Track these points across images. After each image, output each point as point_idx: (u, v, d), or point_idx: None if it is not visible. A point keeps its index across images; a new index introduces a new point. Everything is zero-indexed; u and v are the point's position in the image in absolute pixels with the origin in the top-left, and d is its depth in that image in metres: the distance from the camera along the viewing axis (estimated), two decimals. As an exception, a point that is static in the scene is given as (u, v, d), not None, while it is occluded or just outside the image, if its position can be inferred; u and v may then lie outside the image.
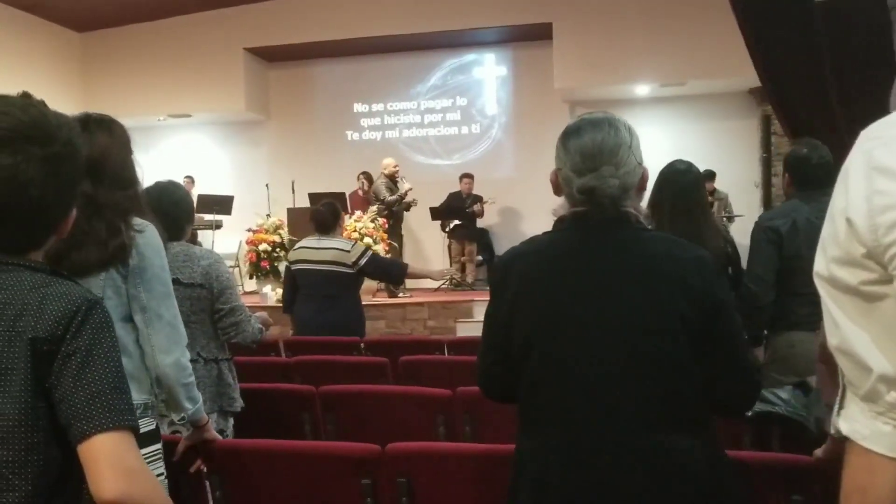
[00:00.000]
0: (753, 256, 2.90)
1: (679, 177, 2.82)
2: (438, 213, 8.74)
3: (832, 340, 1.07)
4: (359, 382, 2.91)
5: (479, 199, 8.86)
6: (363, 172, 8.75)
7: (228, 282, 2.57)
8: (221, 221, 8.93)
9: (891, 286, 0.98)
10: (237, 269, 8.58)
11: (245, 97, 10.09)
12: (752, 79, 6.03)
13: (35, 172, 1.02)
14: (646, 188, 1.53)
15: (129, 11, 9.77)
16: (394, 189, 8.22)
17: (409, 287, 7.73)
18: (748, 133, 9.26)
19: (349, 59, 10.29)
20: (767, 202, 8.74)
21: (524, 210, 9.68)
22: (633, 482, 1.34)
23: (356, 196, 8.62)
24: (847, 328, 1.03)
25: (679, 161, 2.90)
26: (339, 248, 4.02)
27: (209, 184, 9.67)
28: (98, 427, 0.98)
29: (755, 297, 2.85)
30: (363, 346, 3.86)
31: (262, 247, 7.73)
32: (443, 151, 10.33)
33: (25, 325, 1.00)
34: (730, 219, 8.07)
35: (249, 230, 8.09)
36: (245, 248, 8.23)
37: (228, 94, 10.05)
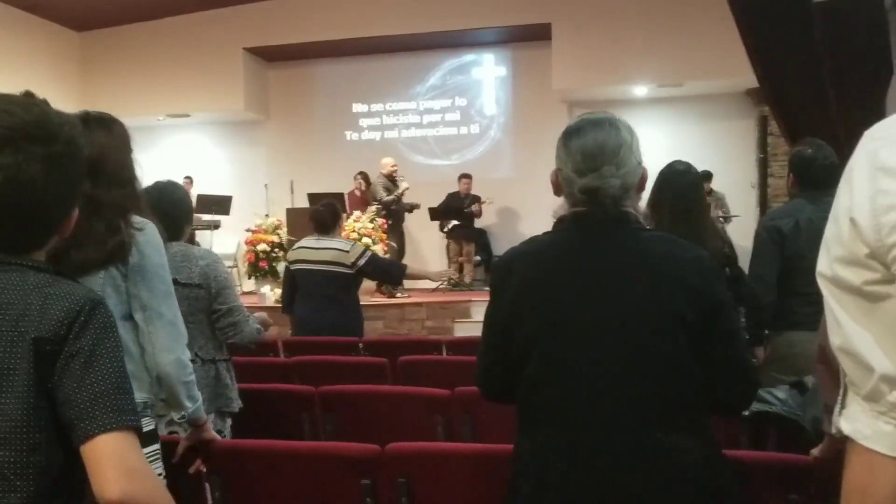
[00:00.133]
0: (756, 256, 2.90)
1: (678, 177, 2.83)
2: (437, 214, 8.74)
3: (835, 340, 1.08)
4: (358, 383, 2.91)
5: (478, 200, 8.86)
6: (360, 172, 8.75)
7: (227, 282, 2.57)
8: (220, 222, 8.92)
9: (893, 286, 0.98)
10: (235, 270, 8.57)
11: (244, 97, 10.09)
12: (750, 80, 6.04)
13: (37, 172, 1.02)
14: (645, 188, 1.53)
15: (129, 11, 9.77)
16: (392, 189, 8.22)
17: (408, 287, 7.72)
18: (745, 134, 9.26)
19: (349, 59, 10.28)
20: (764, 203, 8.75)
21: (522, 210, 9.68)
22: (633, 482, 1.34)
23: (353, 196, 8.62)
24: (850, 328, 1.03)
25: (678, 162, 2.91)
26: (339, 249, 4.01)
27: (208, 184, 9.67)
28: (101, 427, 0.97)
29: (756, 297, 2.86)
30: (362, 347, 3.86)
31: (261, 247, 7.73)
32: (441, 152, 10.33)
33: (28, 326, 1.00)
34: (726, 219, 8.07)
35: (248, 230, 8.08)
36: (243, 249, 8.23)
37: (227, 94, 10.04)
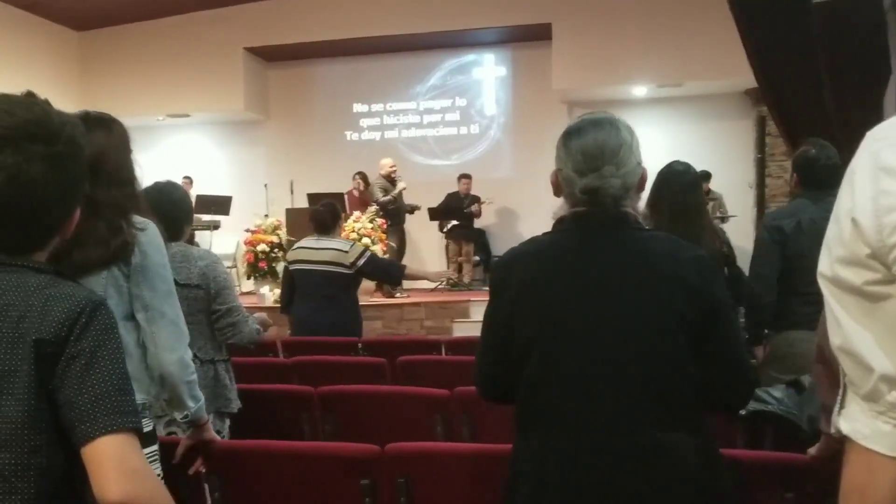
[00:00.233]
0: (757, 255, 2.91)
1: (678, 178, 2.84)
2: (436, 214, 8.74)
3: (835, 340, 1.08)
4: (357, 383, 2.91)
5: (477, 200, 8.86)
6: (358, 172, 8.73)
7: (226, 282, 2.57)
8: (219, 222, 8.92)
9: (894, 286, 0.98)
10: (234, 270, 8.57)
11: (244, 97, 10.08)
12: (748, 80, 6.05)
13: (38, 172, 1.01)
14: (644, 188, 1.53)
15: (128, 10, 9.76)
16: (389, 190, 8.22)
17: (407, 288, 7.73)
18: (743, 134, 9.26)
19: (349, 59, 10.27)
20: (761, 203, 8.76)
21: (521, 210, 9.68)
22: (633, 482, 1.34)
23: (351, 196, 8.61)
24: (850, 328, 1.04)
25: (677, 162, 2.91)
26: (338, 249, 4.01)
27: (207, 184, 9.65)
28: (102, 429, 0.97)
29: (757, 296, 2.86)
30: (361, 347, 3.86)
31: (260, 247, 7.72)
32: (441, 152, 10.33)
33: (29, 327, 0.99)
34: (724, 219, 8.08)
35: (248, 230, 8.08)
36: (243, 249, 8.22)
37: (227, 94, 10.03)
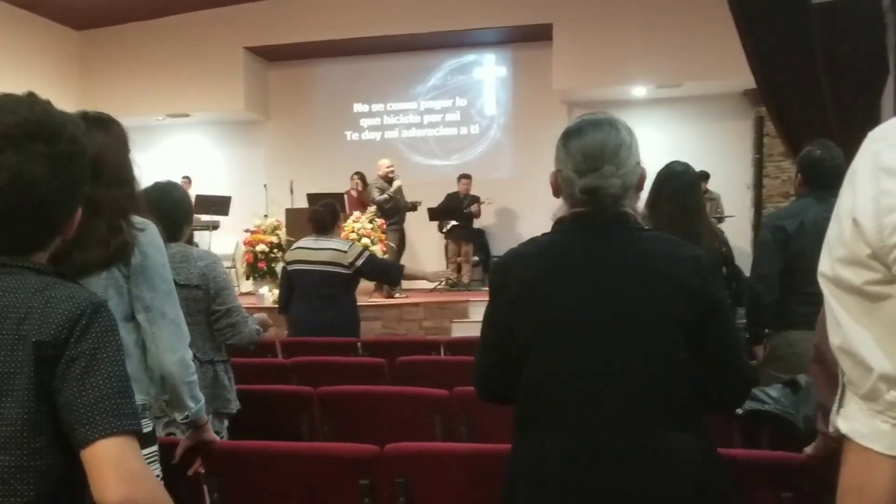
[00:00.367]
0: (759, 255, 2.92)
1: (677, 178, 2.84)
2: (436, 214, 8.74)
3: (834, 340, 1.08)
4: (356, 383, 2.91)
5: (477, 200, 8.87)
6: (356, 173, 8.72)
7: (225, 283, 2.57)
8: (218, 222, 8.91)
9: (894, 286, 0.99)
10: (233, 270, 8.57)
11: (244, 97, 10.07)
12: (747, 80, 6.05)
13: (40, 170, 1.01)
14: (643, 188, 1.53)
15: (129, 10, 9.76)
16: (386, 189, 8.21)
17: (406, 288, 7.72)
18: (742, 134, 9.26)
19: (349, 59, 10.27)
20: (759, 203, 8.77)
21: (521, 211, 9.67)
22: (632, 482, 1.34)
23: (350, 197, 8.60)
24: (850, 328, 1.04)
25: (677, 162, 2.92)
26: (337, 249, 4.00)
27: (207, 184, 9.64)
28: (102, 432, 0.97)
29: (758, 295, 2.87)
30: (360, 347, 3.86)
31: (260, 248, 7.72)
32: (441, 152, 10.32)
33: (29, 329, 0.99)
34: (720, 219, 8.09)
35: (247, 231, 8.07)
36: (242, 249, 8.22)
37: (228, 94, 10.02)
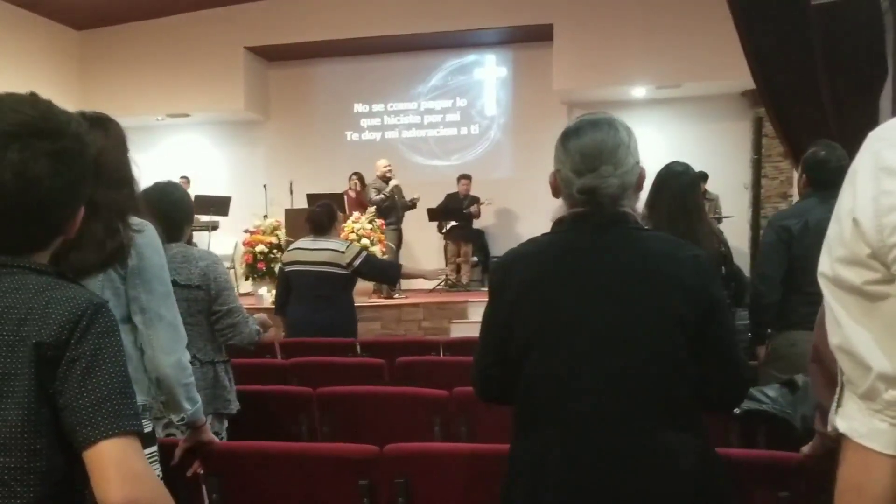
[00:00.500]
0: (763, 255, 2.93)
1: (676, 178, 2.84)
2: (436, 214, 8.74)
3: (833, 339, 1.08)
4: (355, 384, 2.90)
5: (477, 200, 8.86)
6: (355, 173, 8.71)
7: (226, 283, 2.57)
8: (218, 223, 8.91)
9: (893, 286, 0.99)
10: (232, 271, 8.56)
11: (244, 97, 10.06)
12: (746, 81, 6.05)
13: (44, 168, 1.01)
14: (643, 188, 1.53)
15: (129, 9, 9.75)
16: (383, 189, 8.20)
17: (405, 288, 7.72)
18: (740, 135, 9.26)
19: (350, 59, 10.26)
20: (757, 204, 8.77)
21: (520, 211, 9.67)
22: (632, 482, 1.34)
23: (349, 197, 8.60)
24: (849, 327, 1.04)
25: (676, 163, 2.92)
26: (334, 249, 4.00)
27: (206, 184, 9.63)
28: (103, 433, 0.96)
29: (760, 295, 2.87)
30: (359, 348, 3.86)
31: (259, 248, 7.71)
32: (441, 152, 10.32)
33: (30, 330, 0.98)
34: (719, 220, 8.10)
35: (246, 231, 8.07)
36: (241, 250, 8.22)
37: (228, 94, 10.01)
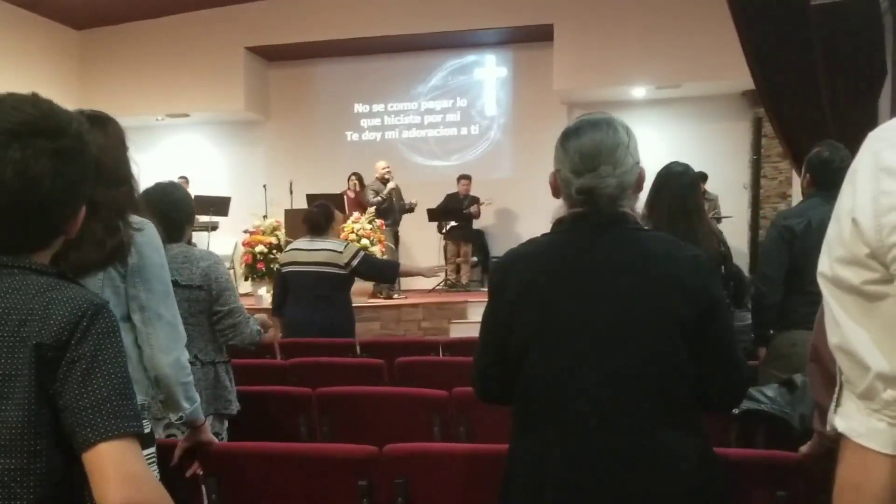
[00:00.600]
0: (765, 255, 2.92)
1: (676, 178, 2.84)
2: (435, 214, 8.73)
3: (832, 339, 1.08)
4: (354, 384, 2.90)
5: (477, 201, 8.86)
6: (354, 173, 8.71)
7: (228, 283, 2.56)
8: (217, 223, 8.90)
9: (892, 286, 0.99)
10: (232, 271, 8.56)
11: (244, 97, 10.05)
12: (746, 81, 6.05)
13: (45, 166, 1.01)
14: (643, 188, 1.53)
15: (129, 9, 9.74)
16: (381, 191, 8.20)
17: (404, 289, 7.72)
18: (740, 135, 9.27)
19: (350, 59, 10.26)
20: (756, 204, 8.78)
21: (520, 211, 9.66)
22: (631, 482, 1.34)
23: (347, 198, 8.60)
24: (848, 327, 1.04)
25: (676, 163, 2.92)
26: (332, 250, 4.01)
27: (206, 184, 9.62)
28: (103, 435, 0.96)
29: (762, 296, 2.87)
30: (359, 348, 3.86)
31: (259, 248, 7.71)
32: (441, 152, 10.31)
33: (30, 331, 0.98)
34: (718, 220, 8.11)
35: (246, 231, 8.07)
36: (241, 250, 8.21)
37: (228, 94, 10.00)
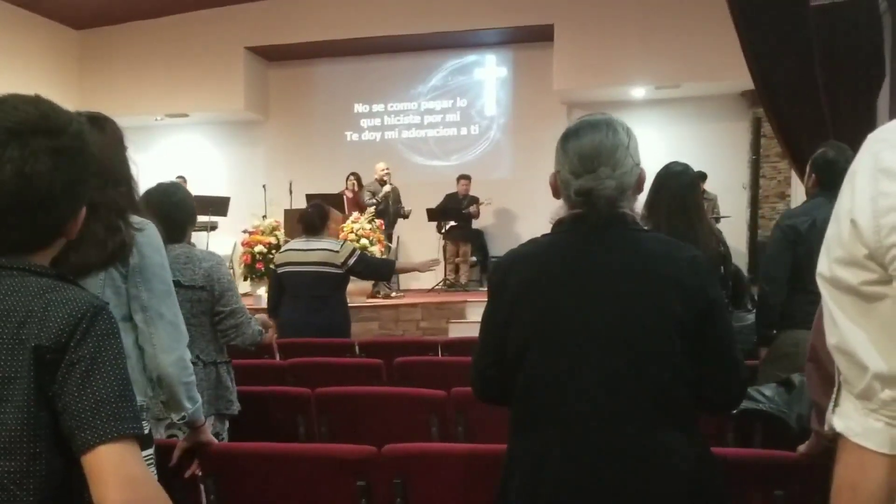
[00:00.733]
0: (770, 255, 2.93)
1: (676, 178, 2.85)
2: (435, 214, 8.74)
3: (831, 339, 1.08)
4: (353, 384, 2.91)
5: (476, 201, 8.86)
6: (352, 173, 8.71)
7: (230, 284, 2.57)
8: (216, 223, 8.90)
9: (890, 287, 0.99)
10: (231, 271, 8.53)
11: (244, 97, 10.05)
12: (745, 82, 6.06)
13: (44, 165, 1.01)
14: (643, 189, 1.53)
15: (129, 9, 9.75)
16: (378, 192, 8.20)
17: (404, 289, 7.71)
18: (739, 135, 9.27)
19: (350, 59, 10.26)
20: (755, 204, 8.79)
21: (519, 211, 9.67)
22: (628, 483, 1.34)
23: (346, 198, 8.59)
24: (846, 328, 1.04)
25: (675, 163, 2.93)
26: (329, 249, 4.02)
27: (206, 184, 9.61)
28: (102, 437, 0.96)
29: (766, 295, 2.87)
30: (357, 348, 3.86)
31: (258, 248, 7.71)
32: (441, 152, 10.32)
33: (29, 333, 0.98)
34: (717, 220, 8.12)
35: (245, 231, 8.07)
36: (240, 250, 8.21)
37: (228, 94, 10.00)
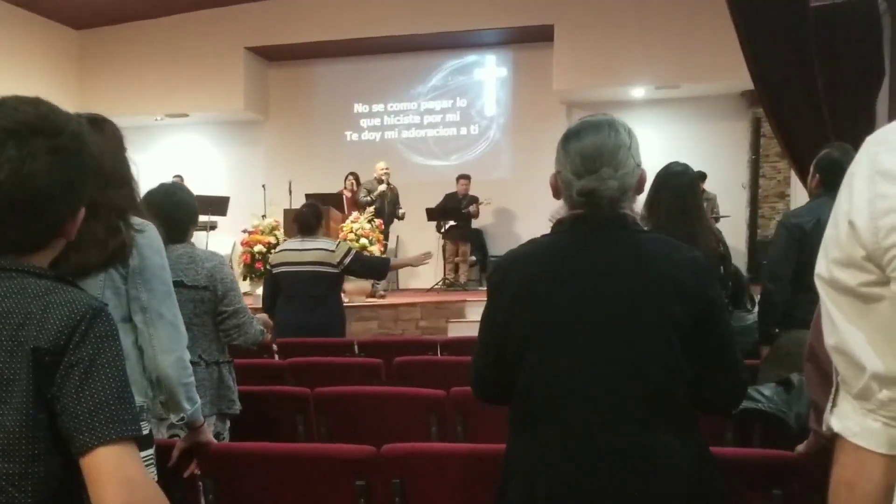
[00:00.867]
0: (774, 254, 2.93)
1: (676, 179, 2.85)
2: (434, 214, 8.74)
3: (829, 340, 1.09)
4: (352, 384, 2.90)
5: (475, 200, 8.87)
6: (351, 173, 8.71)
7: (232, 284, 2.57)
8: (216, 223, 8.89)
9: (887, 288, 0.99)
10: (232, 271, 8.53)
11: (244, 97, 10.06)
12: (745, 82, 6.07)
13: (41, 164, 1.01)
14: (643, 190, 1.53)
15: (128, 9, 9.75)
16: (375, 191, 8.20)
17: (403, 288, 7.71)
18: (738, 135, 9.29)
19: (350, 60, 10.26)
20: (754, 203, 8.81)
21: (519, 211, 9.68)
22: (626, 483, 1.34)
23: (345, 197, 8.59)
24: (844, 328, 1.04)
25: (675, 163, 2.93)
26: (324, 249, 4.03)
27: (205, 184, 9.59)
28: (101, 440, 0.96)
29: (770, 294, 2.87)
30: (356, 348, 3.86)
31: (257, 248, 7.71)
32: (441, 152, 10.32)
33: (28, 335, 0.97)
34: (716, 219, 8.13)
35: (245, 231, 8.07)
36: (239, 250, 8.21)
37: (227, 94, 10.01)
